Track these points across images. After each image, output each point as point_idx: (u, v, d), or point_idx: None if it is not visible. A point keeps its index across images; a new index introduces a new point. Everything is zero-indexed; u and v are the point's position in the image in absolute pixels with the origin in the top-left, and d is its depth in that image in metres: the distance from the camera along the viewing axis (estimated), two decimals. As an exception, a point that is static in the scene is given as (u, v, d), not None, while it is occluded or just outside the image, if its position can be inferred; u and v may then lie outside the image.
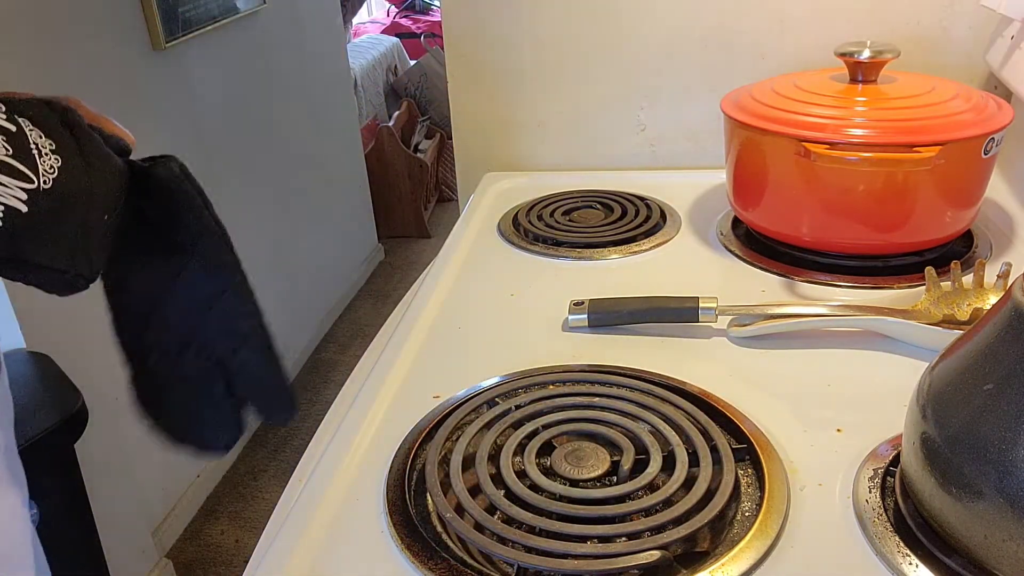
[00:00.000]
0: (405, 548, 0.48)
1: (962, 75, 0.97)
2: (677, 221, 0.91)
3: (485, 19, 1.06)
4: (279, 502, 0.58)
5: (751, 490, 0.52)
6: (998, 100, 0.77)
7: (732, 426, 0.56)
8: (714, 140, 0.89)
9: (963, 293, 0.66)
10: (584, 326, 0.71)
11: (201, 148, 1.85)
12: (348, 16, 3.90)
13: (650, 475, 0.51)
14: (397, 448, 0.57)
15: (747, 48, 1.01)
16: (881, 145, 0.71)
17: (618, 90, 1.07)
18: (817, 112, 0.75)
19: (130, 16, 1.58)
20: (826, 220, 0.77)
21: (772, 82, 0.83)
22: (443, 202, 3.52)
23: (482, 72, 1.09)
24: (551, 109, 1.09)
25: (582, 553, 0.46)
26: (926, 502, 0.45)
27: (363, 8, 4.46)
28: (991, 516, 0.41)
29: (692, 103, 1.06)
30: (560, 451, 0.54)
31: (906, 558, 0.45)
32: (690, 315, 0.69)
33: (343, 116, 2.77)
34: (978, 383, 0.42)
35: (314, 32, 2.50)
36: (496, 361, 0.67)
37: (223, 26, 1.91)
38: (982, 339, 0.43)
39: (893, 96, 0.76)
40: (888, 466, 0.52)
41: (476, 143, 1.12)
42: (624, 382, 0.61)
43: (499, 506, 0.49)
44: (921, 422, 0.45)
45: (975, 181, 0.77)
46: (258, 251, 2.14)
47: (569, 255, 0.85)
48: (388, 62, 3.74)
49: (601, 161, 1.10)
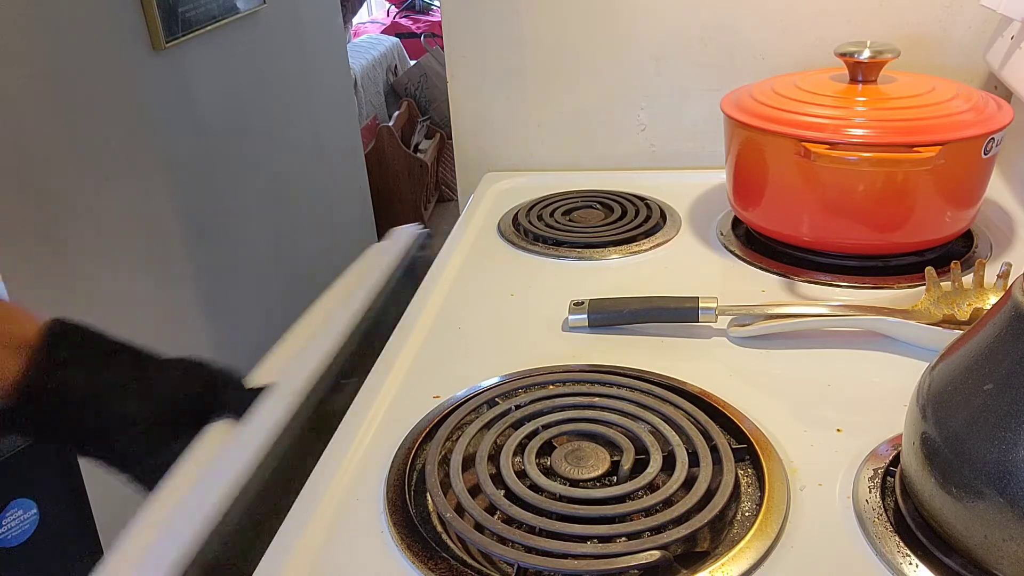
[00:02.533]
0: (405, 548, 0.48)
1: (962, 75, 0.97)
2: (677, 221, 0.91)
3: (485, 19, 1.06)
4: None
5: (751, 490, 0.52)
6: (998, 100, 0.77)
7: (732, 426, 0.56)
8: (714, 140, 0.89)
9: (963, 293, 0.66)
10: (584, 326, 0.71)
11: (201, 148, 1.85)
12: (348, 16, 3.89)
13: (650, 475, 0.51)
14: (397, 448, 0.57)
15: (747, 48, 1.01)
16: (881, 145, 0.71)
17: (618, 90, 1.07)
18: (817, 112, 0.75)
19: (130, 16, 1.58)
20: (826, 220, 0.77)
21: (772, 82, 0.83)
22: (443, 202, 3.52)
23: (482, 72, 1.09)
24: (551, 109, 1.09)
25: (582, 553, 0.46)
26: (926, 502, 0.45)
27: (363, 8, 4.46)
28: (991, 516, 0.41)
29: (692, 103, 1.06)
30: (560, 451, 0.54)
31: (906, 558, 0.45)
32: (690, 315, 0.69)
33: (343, 116, 2.77)
34: (978, 383, 0.42)
35: (314, 32, 2.50)
36: (496, 361, 0.67)
37: (223, 26, 1.91)
38: (982, 339, 0.43)
39: (893, 96, 0.77)
40: (888, 466, 0.52)
41: (476, 143, 1.12)
42: (624, 382, 0.61)
43: (499, 506, 0.49)
44: (921, 422, 0.45)
45: (975, 181, 0.77)
46: (258, 251, 2.14)
47: (569, 255, 0.85)
48: (388, 62, 3.74)
49: (601, 161, 1.10)
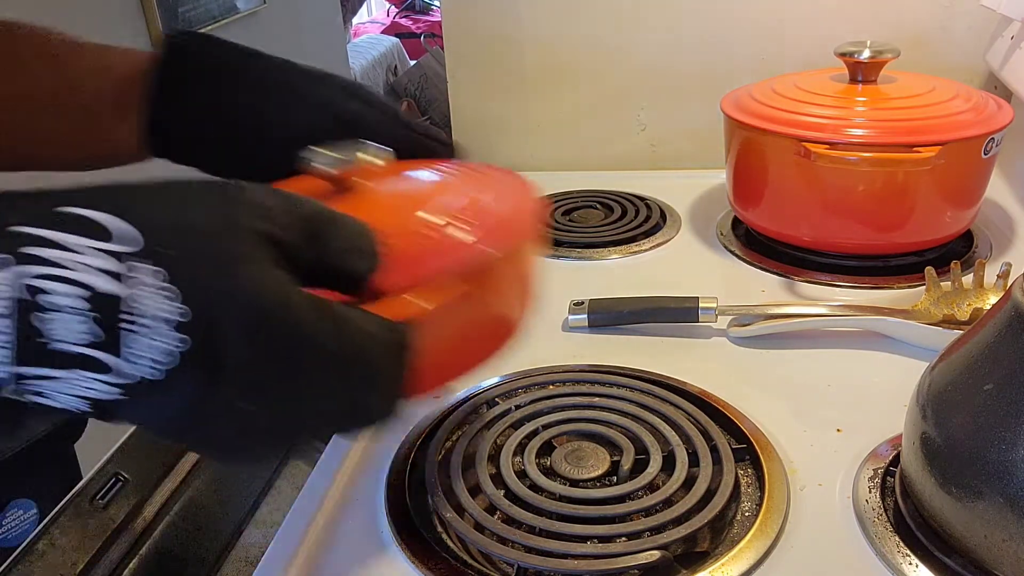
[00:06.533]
0: (405, 548, 0.48)
1: (962, 75, 0.97)
2: (677, 221, 0.91)
3: (485, 19, 1.06)
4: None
5: (751, 490, 0.52)
6: (998, 100, 0.77)
7: (732, 426, 0.56)
8: (714, 140, 0.89)
9: (963, 293, 0.66)
10: (584, 326, 0.71)
11: (201, 148, 1.85)
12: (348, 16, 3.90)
13: (650, 475, 0.51)
14: (397, 448, 0.57)
15: (747, 48, 1.01)
16: (881, 145, 0.71)
17: (618, 90, 1.07)
18: (817, 112, 0.75)
19: (130, 16, 1.58)
20: (826, 220, 0.77)
21: (772, 82, 0.83)
22: (443, 202, 3.51)
23: (482, 72, 1.09)
24: (551, 109, 1.09)
25: (582, 553, 0.46)
26: (926, 502, 0.45)
27: (363, 8, 4.46)
28: (991, 516, 0.41)
29: (692, 103, 1.06)
30: (560, 451, 0.54)
31: (906, 558, 0.45)
32: (690, 315, 0.69)
33: (343, 116, 2.77)
34: (978, 383, 0.42)
35: (314, 32, 2.50)
36: (496, 361, 0.67)
37: (223, 26, 1.91)
38: (982, 339, 0.43)
39: (893, 96, 0.77)
40: (888, 466, 0.52)
41: (476, 143, 1.12)
42: (624, 382, 0.61)
43: (499, 506, 0.49)
44: (921, 422, 0.45)
45: (975, 181, 0.77)
46: (258, 251, 2.14)
47: (569, 255, 0.85)
48: (388, 62, 3.74)
49: (601, 161, 1.10)
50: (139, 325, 0.27)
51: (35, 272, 0.26)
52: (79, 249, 0.26)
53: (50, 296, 0.26)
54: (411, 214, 0.42)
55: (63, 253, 0.26)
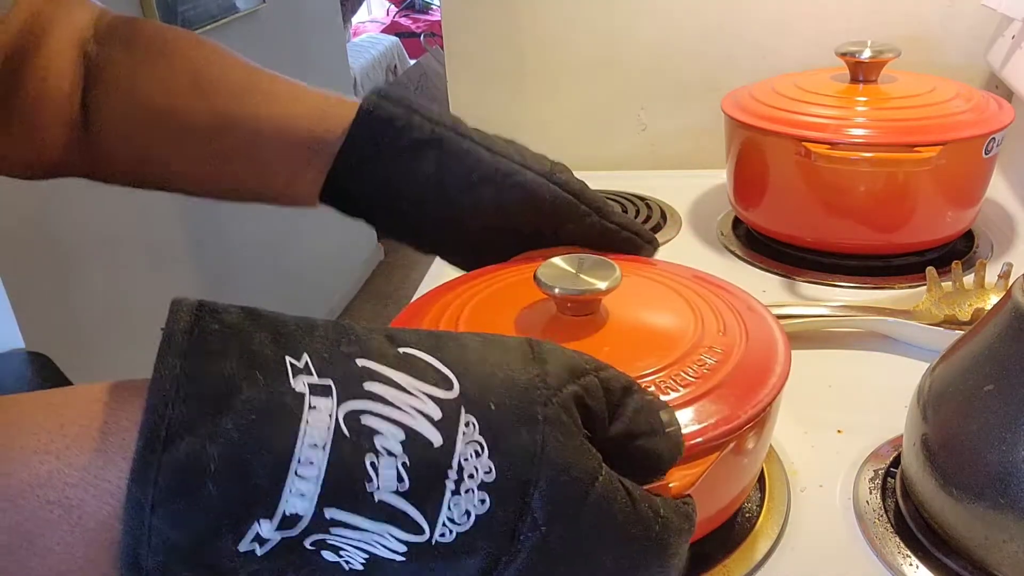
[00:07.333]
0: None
1: (962, 75, 0.97)
2: (677, 221, 0.91)
3: (485, 19, 1.06)
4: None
5: (751, 491, 0.51)
6: (999, 100, 0.77)
7: (732, 427, 0.56)
8: (714, 140, 0.89)
9: (964, 293, 0.66)
10: (584, 326, 0.70)
11: (201, 148, 1.85)
12: (348, 15, 3.90)
13: (650, 476, 0.51)
14: None
15: (747, 48, 1.01)
16: (882, 145, 0.71)
17: (618, 90, 1.07)
18: (818, 112, 0.75)
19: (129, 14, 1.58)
20: (827, 220, 0.77)
21: (772, 82, 0.83)
22: (443, 202, 3.50)
23: (482, 72, 1.09)
24: (551, 109, 1.09)
25: (582, 554, 0.46)
26: (927, 503, 0.45)
27: (363, 7, 4.46)
28: (991, 517, 0.41)
29: (692, 103, 1.05)
30: (560, 452, 0.54)
31: (907, 559, 0.45)
32: (690, 315, 0.69)
33: (343, 116, 2.77)
34: (979, 384, 0.42)
35: (314, 31, 2.50)
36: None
37: (223, 25, 1.91)
38: (982, 340, 0.43)
39: (894, 96, 0.76)
40: (889, 467, 0.52)
41: (476, 143, 1.12)
42: (624, 383, 0.61)
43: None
44: (922, 423, 0.45)
45: (976, 181, 0.77)
46: (258, 251, 2.14)
47: (569, 255, 0.85)
48: (388, 62, 3.74)
49: (601, 161, 1.10)
50: (451, 480, 0.24)
51: (376, 411, 0.24)
52: (416, 393, 0.25)
53: (385, 439, 0.24)
54: (670, 368, 0.41)
55: (402, 395, 0.25)
